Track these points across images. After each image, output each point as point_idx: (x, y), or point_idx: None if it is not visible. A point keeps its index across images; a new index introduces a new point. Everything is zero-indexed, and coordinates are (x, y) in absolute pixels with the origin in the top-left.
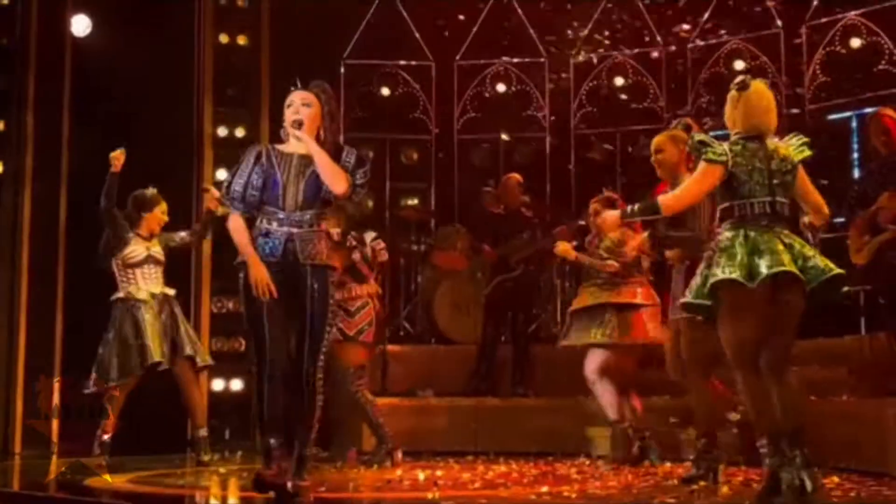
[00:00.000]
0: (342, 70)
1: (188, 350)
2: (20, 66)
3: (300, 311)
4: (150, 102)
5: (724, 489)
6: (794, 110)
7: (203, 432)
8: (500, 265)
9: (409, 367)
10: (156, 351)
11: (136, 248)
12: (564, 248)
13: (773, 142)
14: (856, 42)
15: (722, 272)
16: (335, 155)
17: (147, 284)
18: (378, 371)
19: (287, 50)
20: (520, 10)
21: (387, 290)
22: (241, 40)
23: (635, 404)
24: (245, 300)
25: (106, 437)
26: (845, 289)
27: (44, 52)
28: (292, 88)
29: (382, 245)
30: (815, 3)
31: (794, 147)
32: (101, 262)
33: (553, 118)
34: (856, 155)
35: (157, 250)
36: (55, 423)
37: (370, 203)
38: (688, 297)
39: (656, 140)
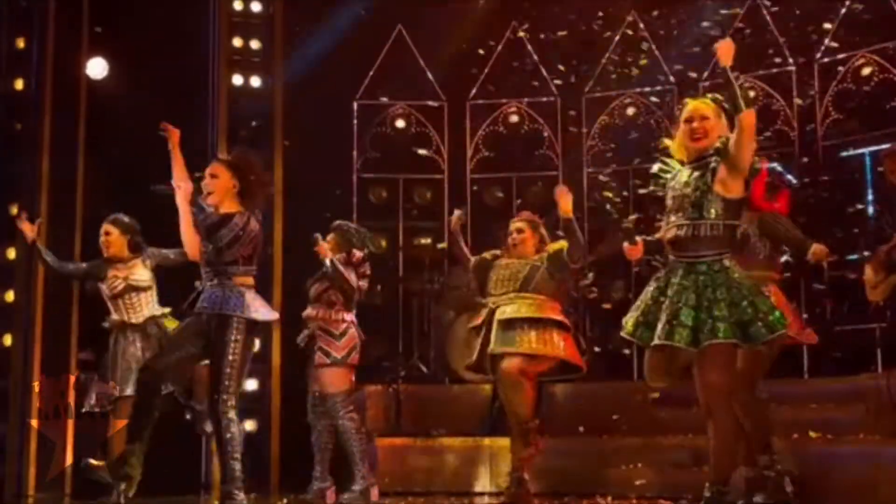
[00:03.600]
0: (355, 110)
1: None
2: (35, 108)
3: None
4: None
5: None
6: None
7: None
8: None
9: (422, 407)
10: None
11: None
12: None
13: None
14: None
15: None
16: (224, 219)
17: None
18: (391, 411)
19: (300, 91)
20: (530, 47)
21: (399, 330)
22: (255, 81)
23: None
24: None
25: None
26: None
27: (59, 95)
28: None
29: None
30: (826, 40)
31: None
32: None
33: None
34: (870, 192)
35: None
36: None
37: (381, 243)
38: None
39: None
